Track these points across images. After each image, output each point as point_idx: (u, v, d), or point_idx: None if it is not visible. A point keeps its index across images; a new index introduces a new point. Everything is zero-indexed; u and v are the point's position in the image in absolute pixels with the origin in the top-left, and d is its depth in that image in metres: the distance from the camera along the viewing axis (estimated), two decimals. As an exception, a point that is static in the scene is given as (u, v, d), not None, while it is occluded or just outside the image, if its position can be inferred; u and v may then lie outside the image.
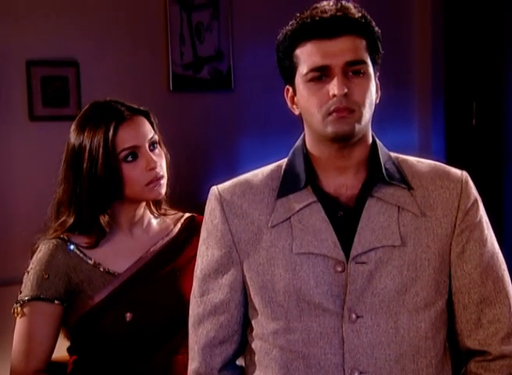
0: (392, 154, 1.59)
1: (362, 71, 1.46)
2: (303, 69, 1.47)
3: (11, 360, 1.89)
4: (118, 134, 1.85)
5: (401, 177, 1.53)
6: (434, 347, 1.51)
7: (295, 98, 1.53)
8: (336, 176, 1.52)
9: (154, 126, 1.95)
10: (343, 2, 1.49)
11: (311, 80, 1.46)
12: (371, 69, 1.48)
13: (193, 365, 1.61)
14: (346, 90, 1.43)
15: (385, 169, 1.53)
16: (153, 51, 3.53)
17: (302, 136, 1.58)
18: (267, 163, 1.63)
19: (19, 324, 1.87)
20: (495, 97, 4.43)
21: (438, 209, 1.52)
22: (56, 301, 1.86)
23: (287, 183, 1.54)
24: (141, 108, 1.94)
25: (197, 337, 1.60)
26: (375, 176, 1.52)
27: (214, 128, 3.69)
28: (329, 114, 1.45)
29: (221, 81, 3.71)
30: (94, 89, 3.29)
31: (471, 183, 1.57)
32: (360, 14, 1.48)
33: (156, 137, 1.93)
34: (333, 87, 1.44)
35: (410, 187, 1.53)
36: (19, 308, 1.86)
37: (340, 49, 1.44)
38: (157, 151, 1.92)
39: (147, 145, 1.89)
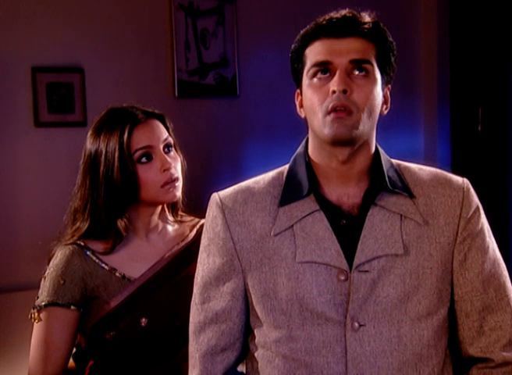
0: (394, 161, 1.59)
1: (366, 70, 1.46)
2: (308, 66, 1.48)
3: (28, 365, 1.90)
4: (132, 136, 1.87)
5: (403, 185, 1.53)
6: (436, 355, 1.51)
7: (303, 102, 1.53)
8: (338, 184, 1.52)
9: (170, 130, 1.96)
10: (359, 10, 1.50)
11: (314, 75, 1.47)
12: (377, 73, 1.47)
13: (194, 372, 1.61)
14: (345, 87, 1.43)
15: (388, 177, 1.52)
16: (158, 57, 3.53)
17: (304, 143, 1.58)
18: (272, 169, 1.63)
19: (37, 329, 1.88)
20: (501, 103, 4.42)
21: (440, 218, 1.52)
22: (72, 307, 1.87)
23: (289, 191, 1.54)
24: (156, 111, 1.95)
25: (198, 344, 1.60)
26: (378, 184, 1.51)
27: (219, 134, 3.69)
28: (328, 113, 1.44)
29: (226, 87, 3.71)
30: (99, 95, 3.29)
31: (472, 190, 1.57)
32: (371, 19, 1.49)
33: (171, 140, 1.94)
34: (333, 84, 1.44)
35: (412, 196, 1.52)
36: (36, 314, 1.87)
37: (346, 48, 1.45)
38: (172, 153, 1.93)
39: (161, 146, 1.90)
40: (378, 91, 1.48)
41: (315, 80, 1.47)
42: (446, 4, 4.25)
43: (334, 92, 1.44)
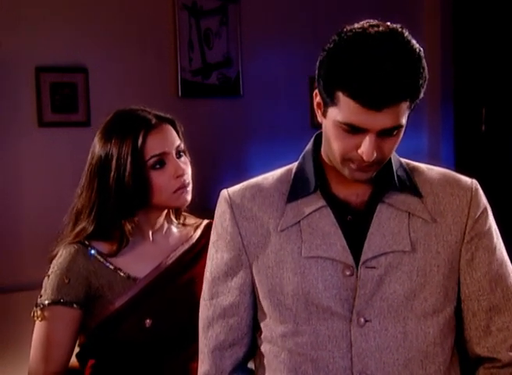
0: (403, 160, 1.58)
1: (399, 130, 1.41)
2: (338, 114, 1.39)
3: (29, 363, 1.90)
4: (147, 142, 1.86)
5: (412, 185, 1.53)
6: (442, 353, 1.51)
7: (322, 108, 1.46)
8: (347, 184, 1.52)
9: (180, 134, 1.95)
10: (400, 55, 1.36)
11: (343, 129, 1.40)
12: (406, 118, 1.41)
13: (203, 367, 1.61)
14: (375, 155, 1.40)
15: (397, 176, 1.52)
16: (162, 57, 3.54)
17: (312, 140, 1.58)
18: (275, 169, 1.63)
19: (39, 328, 1.88)
20: (504, 102, 4.42)
21: (448, 216, 1.52)
22: (76, 306, 1.86)
23: (297, 188, 1.54)
24: (168, 116, 1.94)
25: (206, 339, 1.59)
26: (387, 183, 1.52)
27: (222, 134, 3.69)
28: (351, 162, 1.43)
29: (229, 87, 3.72)
30: (102, 95, 3.30)
31: (480, 191, 1.57)
32: (417, 76, 1.36)
33: (182, 146, 1.94)
34: (363, 150, 1.39)
35: (420, 195, 1.52)
36: (39, 312, 1.87)
37: (383, 118, 1.37)
38: (183, 159, 1.93)
39: (174, 153, 1.90)
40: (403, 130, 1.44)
41: (342, 131, 1.40)
42: (450, 4, 4.25)
43: (361, 153, 1.40)
